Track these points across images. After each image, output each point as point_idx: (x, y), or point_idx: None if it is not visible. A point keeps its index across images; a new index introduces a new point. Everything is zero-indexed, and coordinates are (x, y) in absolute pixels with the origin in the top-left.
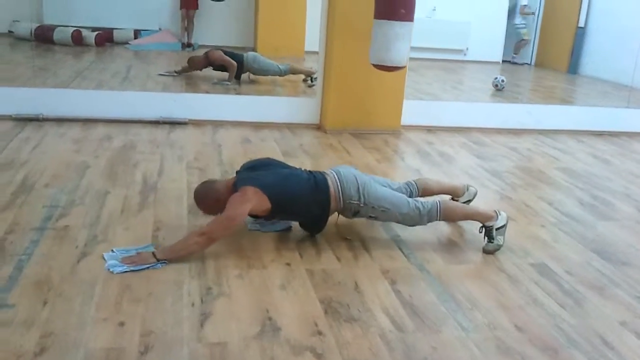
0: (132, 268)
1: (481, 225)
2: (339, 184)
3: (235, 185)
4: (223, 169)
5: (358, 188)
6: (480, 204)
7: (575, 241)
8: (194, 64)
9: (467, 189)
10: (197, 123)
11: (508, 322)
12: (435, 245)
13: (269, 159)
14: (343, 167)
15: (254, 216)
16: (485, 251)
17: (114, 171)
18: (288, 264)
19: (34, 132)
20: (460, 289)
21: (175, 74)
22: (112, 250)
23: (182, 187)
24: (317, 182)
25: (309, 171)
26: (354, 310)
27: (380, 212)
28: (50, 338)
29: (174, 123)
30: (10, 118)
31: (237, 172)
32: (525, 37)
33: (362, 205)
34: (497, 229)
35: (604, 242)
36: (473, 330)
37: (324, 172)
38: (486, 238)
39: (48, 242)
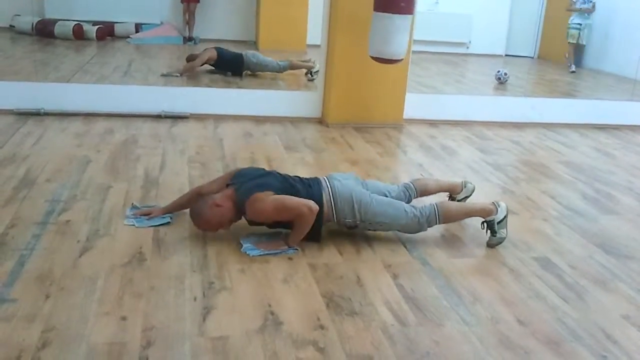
0: (266, 252)
1: (482, 220)
2: (332, 202)
3: (238, 199)
4: (224, 163)
5: (353, 207)
6: (482, 198)
7: (578, 235)
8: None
9: (465, 186)
10: (199, 117)
11: (510, 316)
12: (438, 239)
13: (258, 168)
14: (340, 179)
15: (254, 223)
16: (490, 245)
17: (115, 165)
18: (290, 258)
19: (36, 126)
20: (462, 283)
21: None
22: (247, 235)
23: (184, 182)
24: (312, 197)
25: (306, 180)
26: (356, 304)
27: (379, 227)
28: (53, 332)
29: (175, 117)
30: (11, 112)
31: (232, 177)
32: (572, 41)
33: (359, 222)
34: (498, 223)
35: (606, 235)
36: (475, 324)
37: (321, 185)
38: (489, 232)
39: (50, 237)
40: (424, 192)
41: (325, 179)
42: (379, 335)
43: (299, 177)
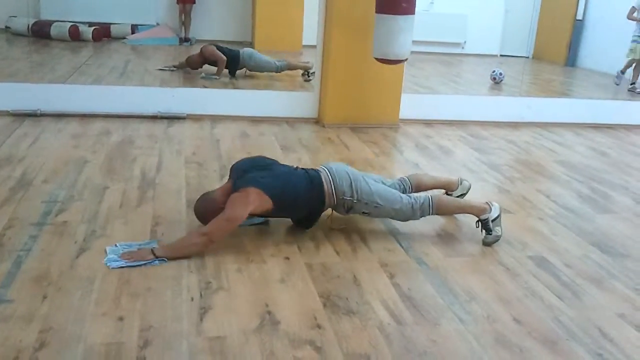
0: (129, 264)
1: (477, 219)
2: (331, 180)
3: (234, 188)
4: (221, 164)
5: (351, 184)
6: (478, 198)
7: (573, 234)
8: (191, 63)
9: (461, 183)
10: (195, 118)
11: (506, 315)
12: (434, 238)
13: (261, 157)
14: (334, 163)
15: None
16: (485, 243)
17: (112, 166)
18: (287, 258)
19: (32, 127)
20: (458, 282)
21: (173, 69)
22: (116, 245)
23: (181, 182)
24: (312, 180)
25: (302, 168)
26: (352, 304)
27: (373, 208)
28: (50, 333)
29: (172, 118)
30: (8, 113)
31: (230, 173)
32: (635, 57)
33: (355, 201)
34: (492, 221)
35: (602, 234)
36: (471, 323)
37: (317, 169)
38: (484, 231)
39: (47, 238)
40: (419, 187)
41: (321, 166)
42: (376, 334)
43: (295, 168)
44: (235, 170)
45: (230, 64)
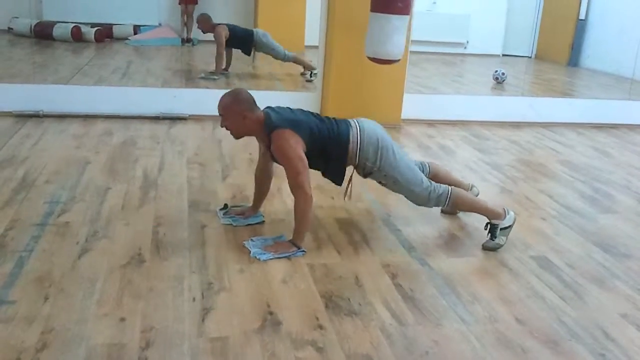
0: (276, 255)
1: (487, 221)
2: (359, 141)
3: (267, 124)
4: (223, 164)
5: (377, 150)
6: (482, 198)
7: (576, 234)
8: (202, 24)
9: (471, 189)
10: (197, 118)
11: (509, 315)
12: (436, 239)
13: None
14: (368, 122)
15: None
16: (485, 248)
17: (114, 167)
18: (289, 259)
19: (35, 128)
20: (461, 283)
21: (216, 78)
22: (252, 240)
23: (183, 183)
24: (339, 133)
25: (334, 119)
26: (354, 304)
27: (391, 182)
28: (52, 334)
29: (174, 118)
30: (10, 114)
31: (265, 110)
32: None
33: (375, 169)
34: (502, 229)
35: (604, 234)
36: (474, 323)
37: (349, 124)
38: (489, 235)
39: (49, 238)
40: (434, 178)
41: (355, 120)
42: (378, 334)
43: (327, 117)
44: (272, 108)
45: (244, 43)
